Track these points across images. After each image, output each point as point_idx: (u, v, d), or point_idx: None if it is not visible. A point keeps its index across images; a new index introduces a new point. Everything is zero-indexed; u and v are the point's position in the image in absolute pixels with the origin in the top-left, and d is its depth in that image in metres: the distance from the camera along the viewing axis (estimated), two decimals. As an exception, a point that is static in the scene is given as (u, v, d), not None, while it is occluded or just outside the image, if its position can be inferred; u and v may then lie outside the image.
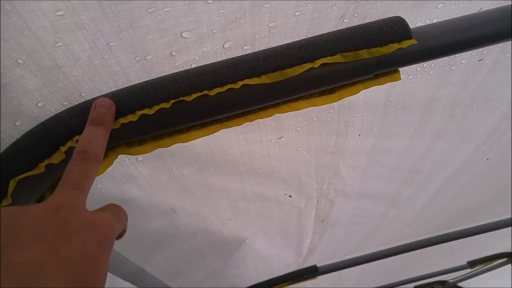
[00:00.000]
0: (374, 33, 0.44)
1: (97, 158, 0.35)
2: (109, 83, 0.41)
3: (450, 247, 1.73)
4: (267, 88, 0.43)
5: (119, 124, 0.39)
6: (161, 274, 0.99)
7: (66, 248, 0.28)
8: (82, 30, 0.34)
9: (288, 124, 0.65)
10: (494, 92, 0.76)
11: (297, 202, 0.97)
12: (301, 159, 0.78)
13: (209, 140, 0.61)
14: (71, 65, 0.37)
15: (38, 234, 0.28)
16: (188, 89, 0.40)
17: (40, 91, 0.37)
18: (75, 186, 0.32)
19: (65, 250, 0.28)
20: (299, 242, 1.30)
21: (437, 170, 1.04)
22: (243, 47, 0.46)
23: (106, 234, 0.31)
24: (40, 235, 0.28)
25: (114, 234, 0.33)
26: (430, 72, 0.65)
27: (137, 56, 0.40)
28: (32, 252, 0.27)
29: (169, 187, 0.68)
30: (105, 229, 0.31)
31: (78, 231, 0.30)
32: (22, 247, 0.27)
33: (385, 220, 1.31)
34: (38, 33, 0.32)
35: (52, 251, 0.27)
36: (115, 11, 0.34)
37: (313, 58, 0.43)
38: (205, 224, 0.91)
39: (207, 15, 0.39)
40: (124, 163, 0.56)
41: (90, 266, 0.29)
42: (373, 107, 0.69)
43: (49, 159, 0.38)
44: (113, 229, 0.33)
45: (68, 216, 0.30)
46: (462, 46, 0.49)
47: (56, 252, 0.28)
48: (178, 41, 0.41)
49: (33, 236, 0.28)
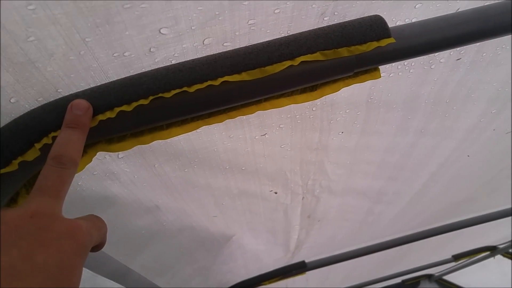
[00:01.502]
0: (353, 32, 0.44)
1: (73, 162, 0.34)
2: (87, 79, 0.41)
3: (436, 242, 1.76)
4: (248, 85, 0.43)
5: (97, 121, 0.38)
6: (147, 272, 0.99)
7: (41, 255, 0.28)
8: (56, 24, 0.33)
9: (271, 121, 0.65)
10: (472, 91, 0.77)
11: (283, 198, 0.98)
12: (285, 156, 0.78)
13: (191, 137, 0.61)
14: (45, 60, 0.36)
15: (13, 240, 0.28)
16: (167, 86, 0.40)
17: (12, 87, 0.36)
18: (51, 193, 0.32)
19: (40, 256, 0.28)
20: (287, 238, 1.31)
21: (421, 166, 1.05)
22: (224, 44, 0.46)
23: (83, 242, 0.31)
24: (15, 241, 0.28)
25: (91, 243, 0.33)
26: (411, 70, 0.66)
27: (115, 52, 0.40)
28: (5, 257, 0.27)
29: (152, 184, 0.67)
30: (82, 238, 0.31)
31: (54, 238, 0.29)
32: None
33: (372, 216, 1.33)
34: (8, 27, 0.31)
35: (27, 257, 0.27)
36: (89, 6, 0.34)
37: (293, 55, 0.43)
38: (191, 221, 0.91)
39: (185, 11, 0.39)
40: (105, 160, 0.55)
41: (65, 273, 0.29)
42: (355, 104, 0.70)
43: (22, 156, 0.37)
44: (91, 239, 0.33)
45: (44, 223, 0.30)
46: (440, 45, 0.50)
47: (30, 258, 0.27)
48: (157, 37, 0.41)
49: (7, 242, 0.28)
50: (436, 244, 1.89)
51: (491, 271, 2.67)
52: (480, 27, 0.49)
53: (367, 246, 1.69)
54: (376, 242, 1.69)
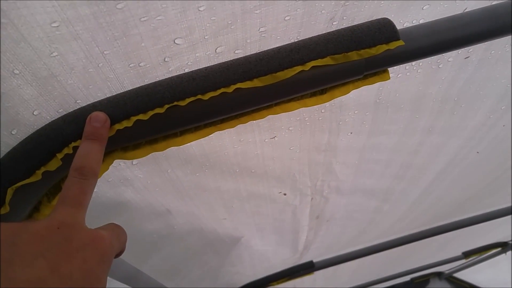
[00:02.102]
0: (362, 35, 0.45)
1: (94, 173, 0.35)
2: (104, 89, 0.42)
3: (445, 239, 1.75)
4: (260, 91, 0.43)
5: (114, 131, 0.39)
6: (157, 274, 1.00)
7: (67, 265, 0.29)
8: (77, 40, 0.35)
9: (281, 124, 0.66)
10: (481, 88, 0.78)
11: (292, 199, 0.98)
12: (294, 158, 0.79)
13: (203, 141, 0.62)
14: (66, 73, 0.37)
15: (40, 251, 0.28)
16: (182, 94, 0.41)
17: (36, 100, 0.37)
18: (75, 203, 0.33)
19: (66, 267, 0.28)
20: (295, 238, 1.32)
21: (428, 165, 1.06)
22: (235, 51, 0.47)
23: (106, 252, 0.32)
24: (42, 252, 0.28)
25: (113, 252, 0.34)
26: (419, 70, 0.66)
27: (131, 63, 0.41)
28: (33, 269, 0.27)
29: (164, 189, 0.68)
30: (105, 248, 0.32)
31: (79, 248, 0.30)
32: (24, 264, 0.27)
33: (379, 215, 1.33)
34: (34, 44, 0.33)
35: (54, 268, 0.28)
36: (109, 21, 0.35)
37: (304, 61, 0.44)
38: (200, 224, 0.92)
39: (199, 22, 0.40)
40: (120, 167, 0.57)
41: (90, 283, 0.29)
42: (364, 105, 0.71)
43: (45, 166, 0.38)
44: (113, 248, 0.33)
45: (69, 234, 0.30)
46: (448, 45, 0.50)
47: (57, 269, 0.28)
48: (171, 47, 0.42)
49: (35, 253, 0.28)
50: (446, 241, 1.88)
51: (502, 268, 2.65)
52: (488, 27, 0.49)
53: (374, 244, 1.69)
54: (384, 240, 1.69)
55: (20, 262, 0.27)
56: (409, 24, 0.57)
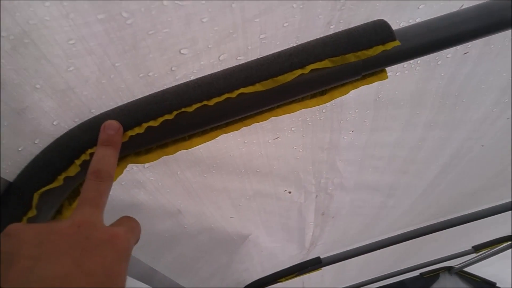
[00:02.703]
0: (359, 37, 0.47)
1: (110, 176, 0.38)
2: (116, 99, 0.45)
3: (454, 233, 1.74)
4: (262, 95, 0.46)
5: (127, 137, 0.42)
6: (171, 273, 1.03)
7: (90, 262, 0.31)
8: (91, 55, 0.37)
9: (283, 125, 0.69)
10: (482, 82, 0.79)
11: (297, 197, 1.01)
12: (298, 157, 0.82)
13: (209, 144, 0.64)
14: (82, 86, 0.40)
15: (65, 249, 0.31)
16: (189, 100, 0.43)
17: (55, 111, 0.40)
18: (93, 204, 0.35)
19: (88, 263, 0.30)
20: (301, 235, 1.34)
21: (432, 159, 1.07)
22: (237, 58, 0.49)
23: (124, 248, 0.34)
24: (67, 250, 0.31)
25: (130, 247, 0.36)
26: (417, 68, 0.68)
27: (141, 73, 0.44)
28: (60, 266, 0.29)
29: (175, 190, 0.71)
30: (122, 244, 0.34)
31: (98, 246, 0.32)
32: (51, 261, 0.30)
33: (384, 210, 1.35)
34: (53, 61, 0.35)
35: (78, 265, 0.30)
36: (119, 36, 0.37)
37: (303, 64, 0.46)
38: (209, 223, 0.95)
39: (203, 32, 0.43)
40: (132, 170, 0.59)
41: (111, 278, 0.31)
42: (364, 104, 0.73)
43: (66, 172, 0.41)
44: (129, 243, 0.36)
45: (89, 232, 0.33)
46: (445, 43, 0.52)
47: (81, 265, 0.30)
48: (177, 57, 0.44)
49: (60, 251, 0.30)
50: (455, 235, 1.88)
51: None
52: (484, 23, 0.50)
53: (381, 239, 1.70)
54: (391, 235, 1.70)
55: (48, 260, 0.30)
56: (406, 24, 0.58)
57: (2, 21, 0.30)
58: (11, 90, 0.34)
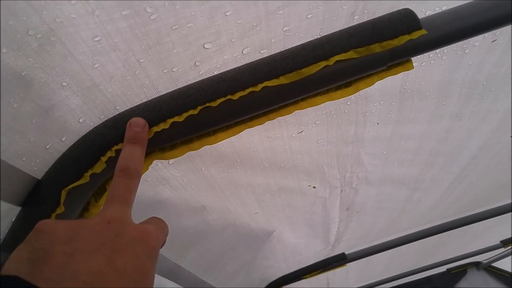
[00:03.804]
0: (384, 27, 0.46)
1: (137, 173, 0.38)
2: (140, 95, 0.45)
3: (482, 227, 1.71)
4: (286, 88, 0.45)
5: (152, 133, 0.42)
6: (196, 269, 1.04)
7: (121, 259, 0.30)
8: (116, 51, 0.38)
9: (307, 118, 0.68)
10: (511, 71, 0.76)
11: (321, 192, 1.00)
12: (322, 151, 0.81)
13: (233, 140, 0.64)
14: (107, 82, 0.40)
15: (97, 246, 0.30)
16: (213, 95, 0.43)
17: (81, 108, 0.41)
18: (122, 201, 0.35)
19: (120, 261, 0.30)
20: (326, 230, 1.33)
21: (459, 151, 1.04)
22: (261, 52, 0.49)
23: (154, 246, 0.34)
24: (98, 247, 0.30)
25: (159, 246, 0.36)
26: (444, 57, 0.66)
27: (165, 69, 0.44)
28: (93, 262, 0.29)
29: (199, 186, 0.71)
30: (152, 242, 0.34)
31: (129, 243, 0.32)
32: (84, 258, 0.29)
33: (410, 204, 1.32)
34: (79, 58, 0.36)
35: (110, 262, 0.30)
36: (144, 32, 0.37)
37: (327, 56, 0.45)
38: (234, 219, 0.95)
39: (226, 26, 0.42)
40: (157, 167, 0.60)
41: (142, 276, 0.31)
42: (389, 95, 0.71)
43: (92, 169, 0.42)
44: (159, 242, 0.35)
45: (119, 229, 0.32)
46: (472, 31, 0.50)
47: (113, 263, 0.30)
48: (201, 52, 0.44)
49: (92, 248, 0.30)
50: (482, 229, 1.84)
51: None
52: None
53: (407, 234, 1.67)
54: (417, 230, 1.67)
55: (80, 256, 0.29)
56: (432, 12, 0.57)
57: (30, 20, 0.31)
58: (39, 88, 0.35)
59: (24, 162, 0.38)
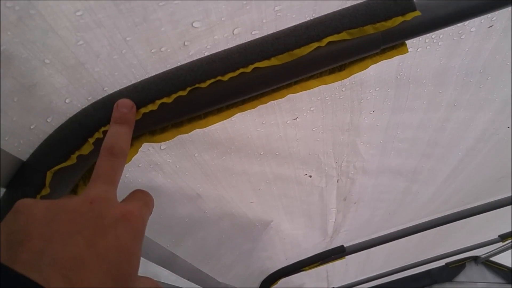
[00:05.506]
0: (377, 8, 0.45)
1: (123, 152, 0.37)
2: (128, 75, 0.44)
3: (480, 221, 1.71)
4: (278, 70, 0.45)
5: (140, 114, 0.42)
6: (192, 258, 1.03)
7: (103, 242, 0.29)
8: (100, 27, 0.37)
9: (302, 104, 0.67)
10: (508, 58, 0.75)
11: (318, 181, 0.99)
12: (318, 139, 0.80)
13: (227, 125, 0.63)
14: (93, 61, 0.40)
15: (77, 229, 0.29)
16: (203, 76, 0.43)
17: (66, 88, 0.40)
18: (106, 180, 0.35)
19: (102, 244, 0.29)
20: (324, 221, 1.33)
21: (456, 141, 1.04)
22: (252, 32, 0.48)
23: (138, 226, 0.33)
24: (79, 229, 0.29)
25: (145, 224, 0.35)
26: (440, 43, 0.65)
27: (153, 48, 0.43)
28: (73, 247, 0.28)
29: (193, 173, 0.71)
30: (137, 222, 0.33)
31: (111, 224, 0.31)
32: (64, 241, 0.28)
33: (409, 196, 1.32)
34: (61, 34, 0.35)
35: (91, 245, 0.29)
36: (129, 7, 0.37)
37: (320, 37, 0.44)
38: (230, 208, 0.94)
39: (215, 4, 0.41)
40: (149, 152, 0.59)
41: (125, 258, 0.30)
42: (384, 82, 0.70)
43: (79, 150, 0.41)
44: (144, 219, 0.34)
45: (102, 209, 0.31)
46: (468, 13, 0.50)
47: (94, 246, 0.29)
48: (190, 31, 0.43)
49: (73, 231, 0.29)
50: (481, 223, 1.84)
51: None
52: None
53: (406, 227, 1.67)
54: (416, 223, 1.67)
55: (60, 239, 0.28)
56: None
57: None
58: (19, 64, 0.34)
59: (7, 142, 0.38)
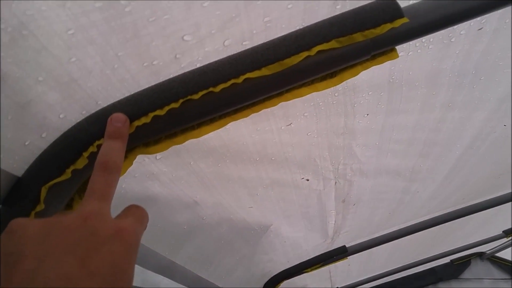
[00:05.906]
0: (366, 16, 0.46)
1: (117, 167, 0.38)
2: (121, 89, 0.45)
3: (483, 218, 1.70)
4: (269, 79, 0.45)
5: (134, 127, 0.42)
6: (191, 265, 1.04)
7: (95, 261, 0.29)
8: (92, 44, 0.37)
9: (295, 110, 0.68)
10: (500, 59, 0.76)
11: (315, 184, 1.00)
12: (313, 143, 0.81)
13: (221, 133, 0.64)
14: (85, 77, 0.40)
15: (70, 247, 0.29)
16: (195, 88, 0.43)
17: (60, 104, 0.41)
18: (100, 196, 0.35)
19: (93, 262, 0.29)
20: (324, 223, 1.33)
21: (453, 140, 1.04)
22: (243, 43, 0.49)
23: (131, 243, 0.33)
24: (72, 247, 0.29)
25: (138, 240, 0.35)
26: (430, 46, 0.66)
27: (145, 62, 0.44)
28: (65, 266, 0.28)
29: (189, 181, 0.71)
30: (130, 239, 0.33)
31: (105, 241, 0.31)
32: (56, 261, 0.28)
33: (408, 195, 1.32)
34: (54, 52, 0.36)
35: (83, 264, 0.29)
36: (120, 24, 0.37)
37: (309, 46, 0.45)
38: (228, 214, 0.95)
39: (205, 17, 0.42)
40: (144, 162, 0.60)
41: (117, 276, 0.30)
42: (377, 86, 0.71)
43: (74, 165, 0.42)
44: (137, 236, 0.35)
45: (95, 227, 0.31)
46: (456, 18, 0.50)
47: (86, 265, 0.29)
48: (181, 44, 0.44)
49: (66, 249, 0.29)
50: (484, 220, 1.83)
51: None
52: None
53: (407, 226, 1.66)
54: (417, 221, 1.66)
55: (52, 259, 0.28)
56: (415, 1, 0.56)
57: (0, 13, 0.30)
58: (13, 83, 0.35)
59: (2, 159, 0.38)
